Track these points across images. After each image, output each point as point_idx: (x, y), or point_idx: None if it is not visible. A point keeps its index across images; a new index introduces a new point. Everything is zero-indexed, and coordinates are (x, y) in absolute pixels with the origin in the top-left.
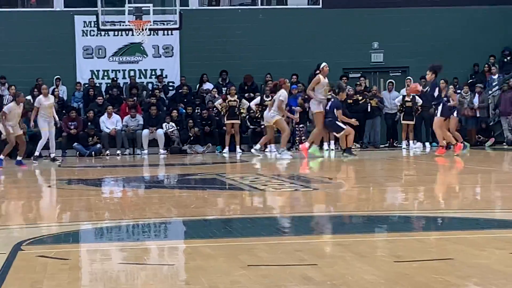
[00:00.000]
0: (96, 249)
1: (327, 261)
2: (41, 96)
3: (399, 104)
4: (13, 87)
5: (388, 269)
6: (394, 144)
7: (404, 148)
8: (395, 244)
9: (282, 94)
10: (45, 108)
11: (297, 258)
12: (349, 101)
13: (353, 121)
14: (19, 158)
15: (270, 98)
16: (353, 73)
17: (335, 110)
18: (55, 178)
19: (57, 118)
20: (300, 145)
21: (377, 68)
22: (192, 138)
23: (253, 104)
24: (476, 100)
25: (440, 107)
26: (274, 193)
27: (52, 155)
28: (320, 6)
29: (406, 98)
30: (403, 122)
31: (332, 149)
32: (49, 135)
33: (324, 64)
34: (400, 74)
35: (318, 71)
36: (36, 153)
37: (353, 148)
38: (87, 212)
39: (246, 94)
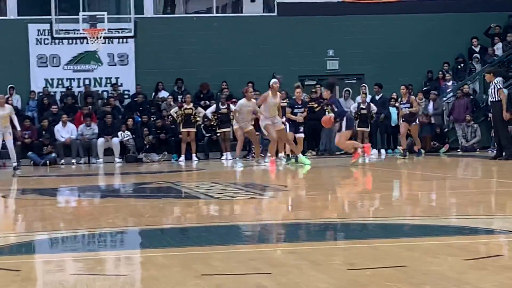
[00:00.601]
0: (49, 259)
1: (281, 270)
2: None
3: (354, 111)
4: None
5: (341, 277)
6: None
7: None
8: (349, 251)
9: (238, 103)
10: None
11: (252, 267)
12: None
13: (298, 118)
14: None
15: (225, 106)
16: (309, 80)
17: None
18: (9, 187)
19: (18, 128)
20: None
21: (332, 76)
22: (147, 146)
23: (209, 112)
24: (430, 107)
25: (344, 121)
26: (230, 201)
27: (14, 164)
28: (275, 14)
29: (361, 106)
30: (358, 129)
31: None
32: (7, 145)
33: (273, 80)
34: (355, 81)
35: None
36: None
37: (309, 156)
38: (41, 222)
39: (202, 102)
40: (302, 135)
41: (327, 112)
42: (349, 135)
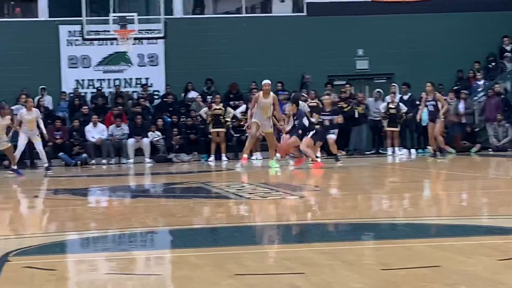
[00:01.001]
0: (83, 259)
1: (314, 270)
2: (24, 109)
3: (383, 111)
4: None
5: (375, 277)
6: (380, 151)
7: (389, 155)
8: (382, 251)
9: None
10: (26, 122)
11: (285, 267)
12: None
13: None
14: (14, 167)
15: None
16: (338, 80)
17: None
18: (41, 188)
19: (44, 131)
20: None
21: (362, 75)
22: (177, 147)
23: (238, 112)
24: (461, 107)
25: (312, 132)
26: (260, 201)
27: (45, 165)
28: (305, 13)
29: (390, 105)
30: (387, 129)
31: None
32: (36, 147)
33: (265, 81)
34: (385, 81)
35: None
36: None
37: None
38: (74, 222)
39: (231, 103)
40: (333, 136)
41: (357, 113)
42: (311, 143)
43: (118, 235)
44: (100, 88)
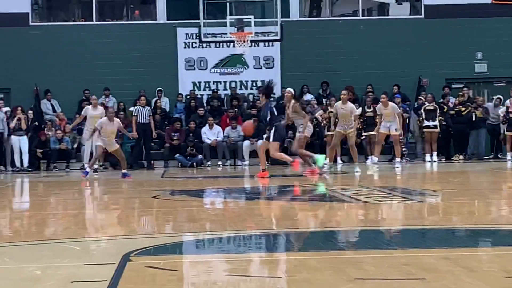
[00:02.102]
0: (202, 260)
1: (435, 276)
2: (89, 106)
3: (502, 115)
4: (94, 96)
5: (498, 284)
6: (499, 155)
7: (509, 159)
8: (504, 258)
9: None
10: (91, 118)
11: (405, 272)
12: (451, 112)
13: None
14: (123, 171)
15: (371, 109)
16: (456, 83)
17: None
18: (159, 189)
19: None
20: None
21: (480, 79)
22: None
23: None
24: None
25: (272, 131)
26: (378, 205)
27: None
28: (422, 16)
29: (510, 109)
30: (507, 133)
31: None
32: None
33: (287, 89)
34: (504, 84)
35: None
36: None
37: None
38: (191, 223)
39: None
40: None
41: (474, 116)
42: (277, 147)
43: (235, 237)
44: (216, 90)
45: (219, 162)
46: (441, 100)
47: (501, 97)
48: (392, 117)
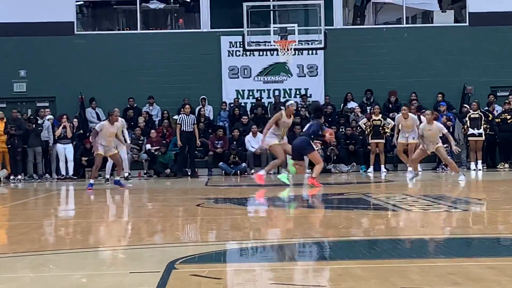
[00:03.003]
0: (246, 268)
1: (482, 285)
2: (106, 122)
3: None
4: (116, 109)
5: None
6: None
7: None
8: None
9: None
10: (106, 134)
11: (451, 282)
12: (496, 120)
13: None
14: (117, 178)
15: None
16: (501, 91)
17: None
18: (203, 196)
19: (128, 140)
20: (255, 174)
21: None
22: (334, 157)
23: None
24: None
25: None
26: (423, 213)
27: (126, 174)
28: (467, 23)
29: None
30: None
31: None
32: (121, 155)
33: (290, 102)
34: None
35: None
36: (107, 176)
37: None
38: (235, 231)
39: (391, 114)
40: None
41: None
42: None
43: (279, 245)
44: (259, 98)
45: None
46: (486, 108)
47: None
48: (411, 128)
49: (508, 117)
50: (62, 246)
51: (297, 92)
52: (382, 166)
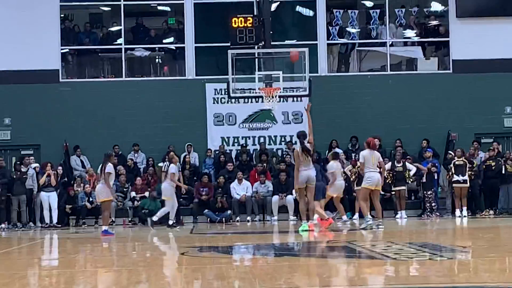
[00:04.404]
0: None
1: None
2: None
3: None
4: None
5: None
6: None
7: None
8: None
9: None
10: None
11: None
12: (483, 166)
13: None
14: (104, 227)
15: (400, 164)
16: (485, 138)
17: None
18: (187, 245)
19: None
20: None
21: (510, 133)
22: None
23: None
24: None
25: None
26: (407, 262)
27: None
28: (451, 71)
29: None
30: None
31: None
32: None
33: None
34: None
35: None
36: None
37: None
38: (220, 280)
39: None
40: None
41: (504, 169)
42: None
43: None
44: (245, 145)
45: (248, 218)
46: (470, 154)
47: None
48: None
49: (493, 163)
50: None
51: (282, 139)
52: (368, 213)
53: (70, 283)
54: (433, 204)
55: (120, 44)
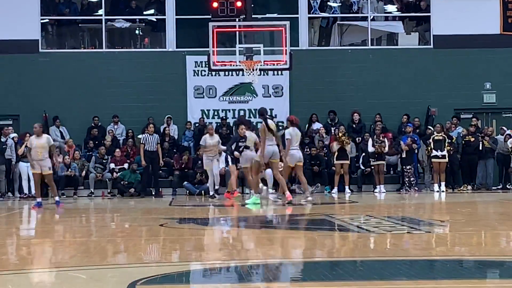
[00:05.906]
0: None
1: None
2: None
3: (511, 145)
4: (36, 124)
5: None
6: (507, 186)
7: None
8: None
9: None
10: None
11: None
12: (462, 142)
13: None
14: (56, 198)
15: (380, 139)
16: (465, 113)
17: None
18: (166, 216)
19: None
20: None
21: (489, 109)
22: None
23: (370, 145)
24: None
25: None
26: (385, 235)
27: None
28: (431, 46)
29: None
30: None
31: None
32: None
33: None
34: None
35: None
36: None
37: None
38: (198, 252)
39: (358, 138)
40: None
41: (481, 144)
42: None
43: (242, 266)
44: (225, 118)
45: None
46: (446, 128)
47: (504, 128)
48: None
49: (472, 139)
50: (23, 266)
51: None
52: (347, 187)
53: (47, 252)
54: (411, 179)
55: (101, 15)
